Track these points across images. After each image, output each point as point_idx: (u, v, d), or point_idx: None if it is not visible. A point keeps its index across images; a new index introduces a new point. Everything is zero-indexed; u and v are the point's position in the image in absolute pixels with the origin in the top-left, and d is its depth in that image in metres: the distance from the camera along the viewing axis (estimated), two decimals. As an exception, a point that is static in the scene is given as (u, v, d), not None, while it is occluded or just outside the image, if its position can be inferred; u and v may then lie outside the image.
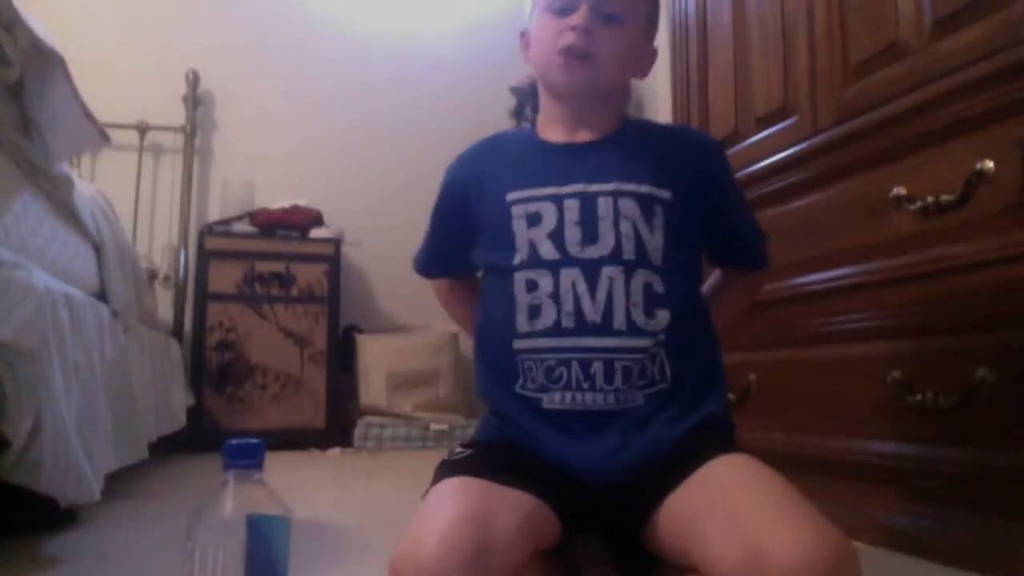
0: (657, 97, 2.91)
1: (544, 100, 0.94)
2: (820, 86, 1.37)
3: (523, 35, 0.96)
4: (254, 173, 3.07)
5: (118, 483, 1.60)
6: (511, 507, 0.70)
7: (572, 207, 0.85)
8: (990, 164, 1.02)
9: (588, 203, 0.85)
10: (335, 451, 2.62)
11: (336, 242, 2.90)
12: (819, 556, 0.59)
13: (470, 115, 3.33)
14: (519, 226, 0.86)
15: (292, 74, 3.27)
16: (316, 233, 2.92)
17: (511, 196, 0.88)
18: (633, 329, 0.81)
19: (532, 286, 0.84)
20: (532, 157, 0.92)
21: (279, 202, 2.94)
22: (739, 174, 1.57)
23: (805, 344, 1.38)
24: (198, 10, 3.19)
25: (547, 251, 0.84)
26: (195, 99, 3.09)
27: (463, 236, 0.94)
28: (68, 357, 1.22)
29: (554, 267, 0.84)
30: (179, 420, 2.34)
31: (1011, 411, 0.98)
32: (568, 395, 0.81)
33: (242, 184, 3.00)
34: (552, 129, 0.93)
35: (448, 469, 0.79)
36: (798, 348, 1.40)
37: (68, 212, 1.52)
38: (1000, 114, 1.02)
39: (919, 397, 1.10)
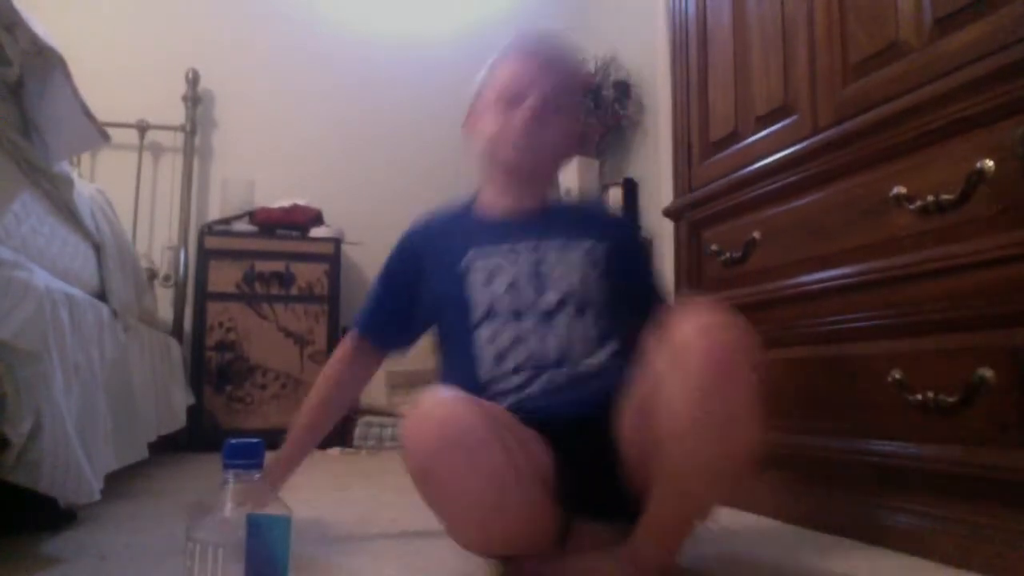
0: (657, 97, 2.91)
1: (488, 176, 1.08)
2: (820, 85, 1.37)
3: (470, 114, 1.10)
4: (254, 172, 3.07)
5: (118, 483, 1.60)
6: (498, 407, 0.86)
7: (525, 261, 0.98)
8: (990, 163, 1.02)
9: (540, 257, 0.99)
10: (335, 451, 2.62)
11: (336, 241, 2.90)
12: (716, 320, 0.75)
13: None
14: (476, 281, 0.97)
15: (292, 73, 3.27)
16: (316, 232, 2.92)
17: (469, 255, 1.00)
18: (585, 362, 0.95)
19: (494, 337, 0.95)
20: (486, 224, 1.05)
21: (279, 201, 2.94)
22: (739, 173, 1.57)
23: (805, 344, 1.38)
24: (198, 9, 3.19)
25: (506, 305, 0.96)
26: (195, 98, 3.09)
27: (410, 295, 1.05)
28: (68, 357, 1.22)
29: (514, 317, 0.95)
30: (179, 420, 2.34)
31: (1011, 411, 0.98)
32: (533, 406, 0.93)
33: (242, 183, 3.00)
34: (497, 201, 1.06)
35: None
36: (798, 348, 1.40)
37: (68, 212, 1.52)
38: (1000, 113, 1.02)
39: (919, 397, 1.10)
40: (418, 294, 1.04)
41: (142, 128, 3.01)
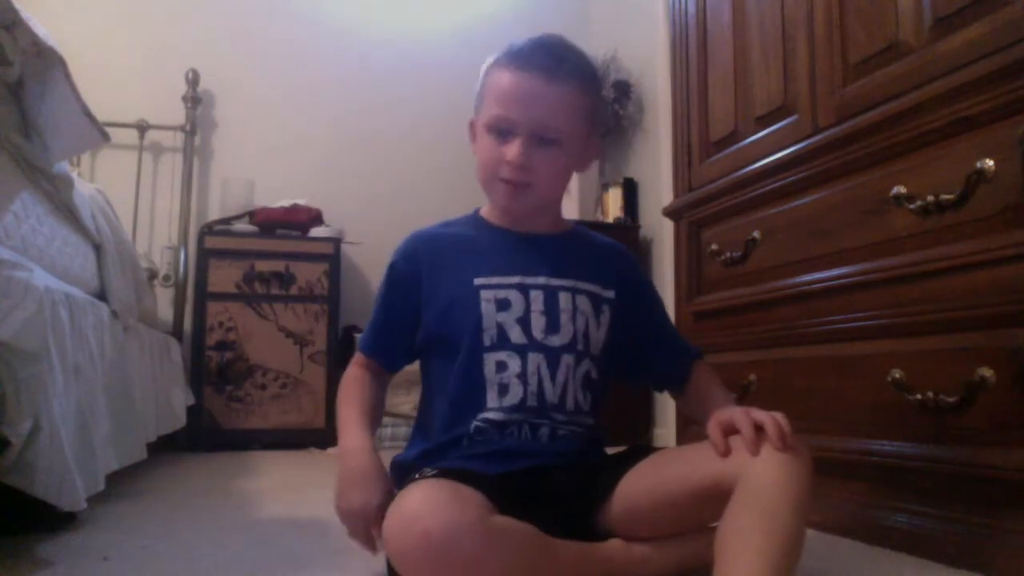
0: (657, 97, 2.91)
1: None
2: (820, 85, 1.37)
3: (472, 125, 1.03)
4: (254, 172, 3.07)
5: (118, 483, 1.60)
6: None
7: (537, 298, 0.94)
8: (990, 163, 1.02)
9: (551, 296, 0.95)
10: (335, 450, 2.62)
11: (336, 241, 2.90)
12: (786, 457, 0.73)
13: (470, 114, 3.33)
14: (488, 309, 0.93)
15: (292, 73, 3.27)
16: (316, 232, 2.92)
17: (479, 280, 0.95)
18: (578, 409, 0.94)
19: (502, 367, 0.92)
20: (493, 245, 0.99)
21: (279, 201, 2.94)
22: (738, 173, 1.57)
23: (805, 344, 1.38)
24: (198, 9, 3.19)
25: (516, 335, 0.93)
26: (195, 98, 3.09)
27: (412, 312, 0.99)
28: (68, 357, 1.22)
29: (522, 350, 0.92)
30: (179, 419, 2.34)
31: (1011, 411, 0.98)
32: (516, 450, 0.90)
33: (242, 183, 3.00)
34: (502, 220, 1.01)
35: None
36: (798, 348, 1.40)
37: (68, 212, 1.52)
38: (1000, 113, 1.02)
39: (919, 397, 1.10)
40: (420, 308, 0.99)
41: (142, 128, 3.01)
